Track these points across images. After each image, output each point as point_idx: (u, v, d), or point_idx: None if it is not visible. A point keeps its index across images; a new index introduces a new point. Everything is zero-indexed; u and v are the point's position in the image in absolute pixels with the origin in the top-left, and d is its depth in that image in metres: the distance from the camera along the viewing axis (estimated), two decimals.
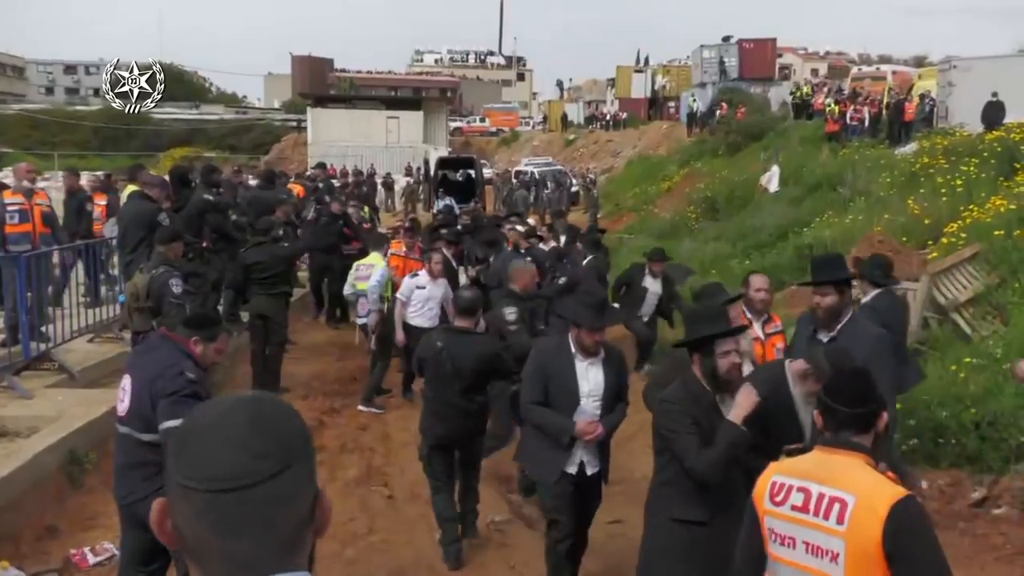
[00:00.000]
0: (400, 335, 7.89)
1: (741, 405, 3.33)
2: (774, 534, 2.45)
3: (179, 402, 3.63)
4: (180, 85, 61.93)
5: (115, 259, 9.19)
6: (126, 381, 3.89)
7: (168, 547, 1.09)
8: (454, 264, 8.91)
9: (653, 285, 9.08)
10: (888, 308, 5.48)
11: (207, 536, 1.02)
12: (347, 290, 8.91)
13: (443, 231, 10.07)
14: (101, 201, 11.00)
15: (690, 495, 3.37)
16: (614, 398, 4.29)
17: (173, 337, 3.95)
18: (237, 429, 1.03)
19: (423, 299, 7.85)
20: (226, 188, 10.47)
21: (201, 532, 1.02)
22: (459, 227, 11.17)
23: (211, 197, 8.79)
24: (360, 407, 8.12)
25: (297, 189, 14.09)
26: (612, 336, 6.10)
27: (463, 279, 9.04)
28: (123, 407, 3.85)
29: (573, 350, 4.22)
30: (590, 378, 4.22)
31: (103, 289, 9.10)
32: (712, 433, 3.32)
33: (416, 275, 8.00)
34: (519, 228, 10.63)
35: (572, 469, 4.25)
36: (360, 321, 8.73)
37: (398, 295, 8.00)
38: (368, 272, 8.49)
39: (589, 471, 4.28)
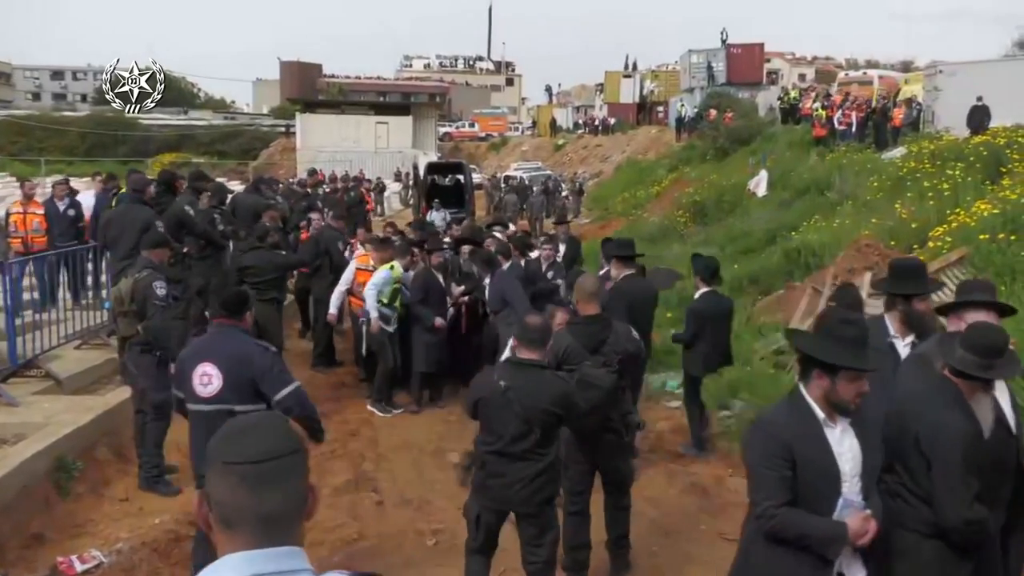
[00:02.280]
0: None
1: None
2: None
3: (282, 373, 4.28)
4: (169, 90, 61.65)
5: (89, 267, 9.19)
6: (208, 367, 4.20)
7: (203, 530, 1.46)
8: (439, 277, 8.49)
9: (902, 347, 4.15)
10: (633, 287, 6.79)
11: (246, 498, 1.39)
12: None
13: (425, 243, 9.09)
14: (38, 211, 9.95)
15: None
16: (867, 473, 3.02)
17: (231, 323, 4.36)
18: (268, 426, 1.51)
19: None
20: (213, 193, 10.33)
21: (242, 496, 1.39)
22: (450, 239, 10.54)
23: (190, 210, 8.60)
24: (369, 407, 8.28)
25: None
26: None
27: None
28: (212, 388, 4.19)
29: (820, 414, 2.88)
30: (846, 450, 2.90)
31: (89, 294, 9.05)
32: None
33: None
34: (497, 235, 10.21)
35: None
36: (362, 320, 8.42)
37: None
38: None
39: None
